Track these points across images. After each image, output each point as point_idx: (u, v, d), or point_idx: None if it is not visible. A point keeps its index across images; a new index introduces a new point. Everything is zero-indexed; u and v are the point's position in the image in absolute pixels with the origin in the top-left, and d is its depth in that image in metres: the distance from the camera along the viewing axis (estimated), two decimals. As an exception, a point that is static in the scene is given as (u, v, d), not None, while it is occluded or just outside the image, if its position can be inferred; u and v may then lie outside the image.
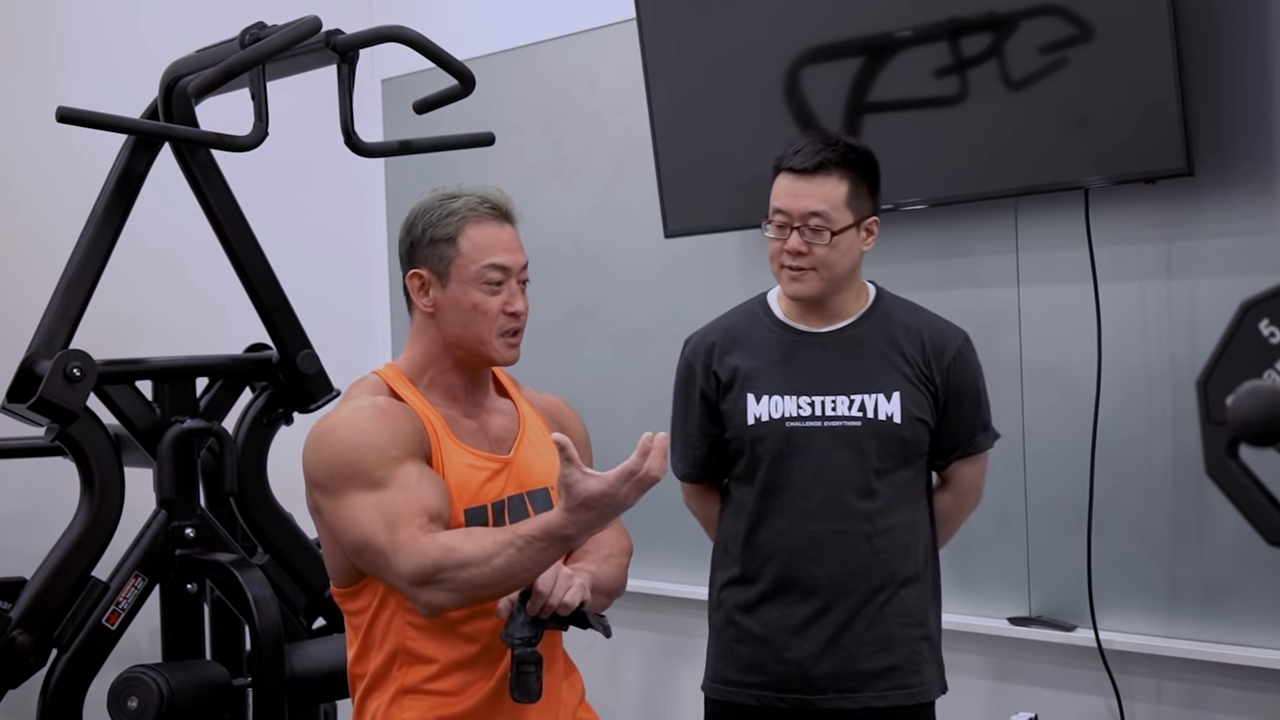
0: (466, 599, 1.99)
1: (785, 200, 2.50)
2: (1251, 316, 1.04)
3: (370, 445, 2.03)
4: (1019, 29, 3.02)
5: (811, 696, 2.50)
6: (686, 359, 2.67)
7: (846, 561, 2.49)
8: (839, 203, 2.48)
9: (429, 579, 1.95)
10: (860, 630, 2.50)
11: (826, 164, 2.48)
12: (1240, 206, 2.88)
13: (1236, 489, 1.04)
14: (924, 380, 2.54)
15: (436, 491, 2.04)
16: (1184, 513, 2.97)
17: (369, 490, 2.00)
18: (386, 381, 2.16)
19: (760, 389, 2.54)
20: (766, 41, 3.42)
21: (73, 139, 3.29)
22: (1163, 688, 3.05)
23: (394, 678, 2.11)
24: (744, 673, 2.56)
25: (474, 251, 2.11)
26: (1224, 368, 1.05)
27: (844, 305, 2.57)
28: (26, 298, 3.35)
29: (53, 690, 3.03)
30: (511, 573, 1.95)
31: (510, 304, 2.13)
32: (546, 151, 4.17)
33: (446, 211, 2.13)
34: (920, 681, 2.54)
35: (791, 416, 2.52)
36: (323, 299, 4.05)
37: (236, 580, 3.03)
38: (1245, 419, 0.98)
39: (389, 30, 3.08)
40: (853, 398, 2.51)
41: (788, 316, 2.60)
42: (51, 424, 3.08)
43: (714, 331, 2.66)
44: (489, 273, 2.11)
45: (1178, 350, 2.98)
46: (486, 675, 2.10)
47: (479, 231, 2.12)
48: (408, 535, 1.97)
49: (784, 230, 2.50)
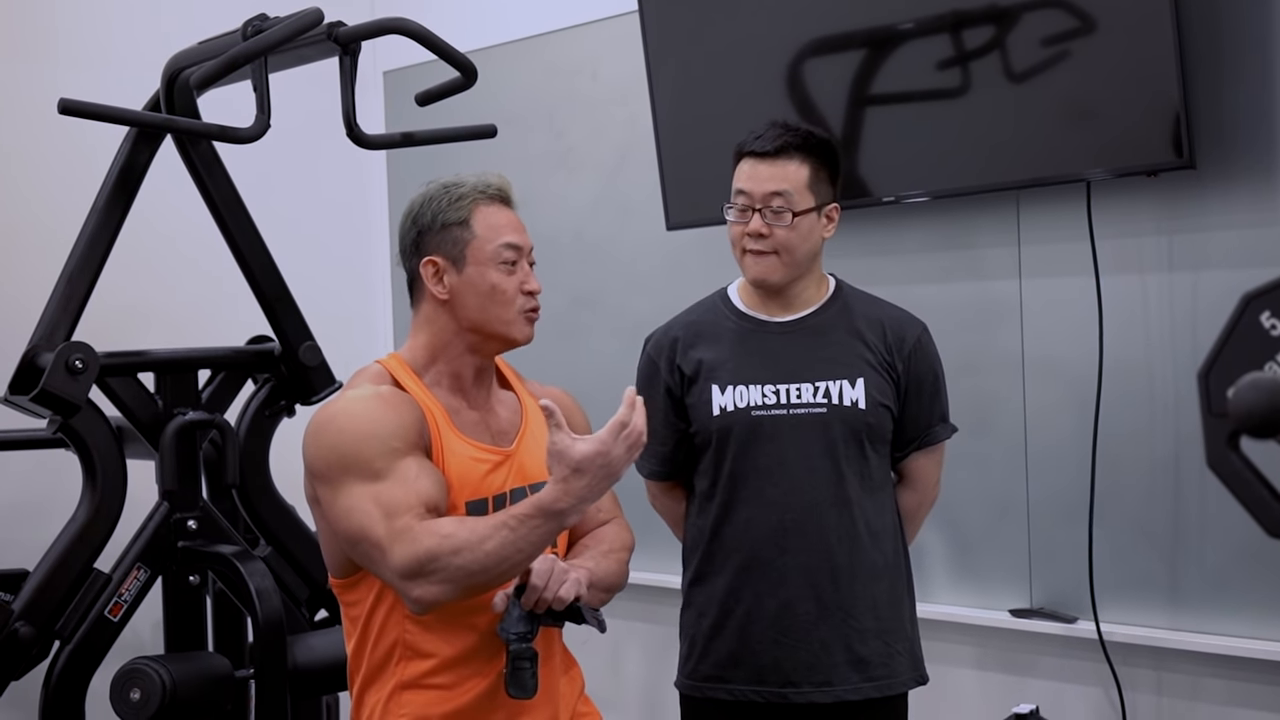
0: (460, 589, 1.97)
1: (747, 183, 2.52)
2: (1253, 309, 1.04)
3: (370, 436, 2.02)
4: (1021, 21, 3.02)
5: (785, 690, 2.50)
6: (649, 355, 2.67)
7: (816, 551, 2.49)
8: (800, 185, 2.50)
9: (422, 569, 1.94)
10: (834, 622, 2.49)
11: (788, 147, 2.51)
12: (1242, 199, 2.87)
13: (1237, 481, 1.04)
14: (886, 367, 2.55)
15: (435, 484, 2.03)
16: (1185, 505, 2.97)
17: (367, 481, 2.00)
18: (389, 371, 2.15)
19: (725, 379, 2.55)
20: (769, 34, 3.42)
21: (75, 131, 3.29)
22: (1164, 679, 3.05)
23: (392, 672, 2.11)
24: (718, 667, 2.56)
25: (488, 232, 2.14)
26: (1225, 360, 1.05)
27: (804, 294, 2.59)
28: (29, 290, 3.35)
29: (55, 682, 3.03)
30: (506, 555, 1.94)
31: (527, 282, 2.15)
32: (549, 143, 4.17)
33: (455, 196, 2.15)
34: (890, 673, 2.54)
35: (757, 405, 2.52)
36: (325, 291, 4.05)
37: (239, 572, 3.03)
38: (1246, 411, 0.98)
39: (391, 22, 3.08)
40: (817, 385, 2.52)
41: (749, 307, 2.61)
42: (54, 416, 3.08)
43: (675, 326, 2.67)
44: (505, 252, 2.13)
45: (1179, 342, 2.98)
46: (485, 670, 2.10)
47: (490, 213, 2.15)
48: (403, 525, 1.96)
49: (745, 213, 2.52)
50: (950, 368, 2.71)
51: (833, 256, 3.04)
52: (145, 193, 3.29)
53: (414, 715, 2.10)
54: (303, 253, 3.89)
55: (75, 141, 3.61)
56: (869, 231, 3.42)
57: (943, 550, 3.36)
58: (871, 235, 3.42)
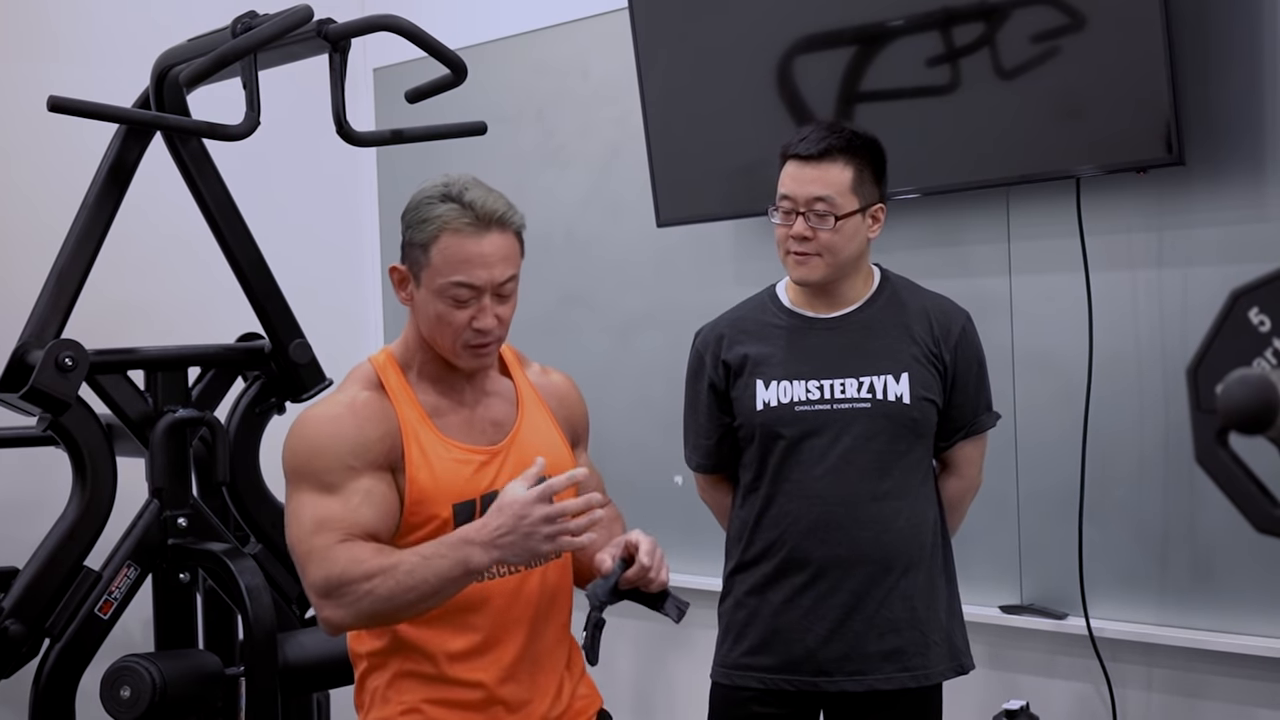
0: (367, 617, 1.98)
1: (791, 186, 2.53)
2: (1241, 305, 1.04)
3: (328, 450, 2.03)
4: (1011, 18, 3.02)
5: (818, 679, 2.53)
6: (697, 350, 2.71)
7: (854, 543, 2.52)
8: (844, 188, 2.51)
9: (331, 591, 1.96)
10: (868, 613, 2.52)
11: (832, 150, 2.51)
12: (1230, 195, 2.88)
13: (1226, 477, 1.04)
14: (933, 359, 2.57)
15: (376, 515, 2.02)
16: (1175, 501, 2.98)
17: (314, 492, 2.02)
18: (378, 371, 2.13)
19: (769, 374, 2.57)
20: (759, 31, 3.42)
21: (65, 128, 3.28)
22: (1154, 675, 3.06)
23: (392, 663, 2.12)
24: (750, 655, 2.59)
25: (443, 265, 2.02)
26: (1214, 356, 1.05)
27: (851, 290, 2.60)
28: (18, 287, 3.34)
29: (45, 680, 3.03)
30: (412, 584, 1.94)
31: (477, 319, 2.04)
32: (539, 141, 4.17)
33: (424, 217, 2.03)
34: (926, 664, 2.56)
35: (801, 401, 2.54)
36: (315, 288, 4.05)
37: (229, 569, 3.02)
38: (1234, 407, 0.98)
39: (381, 19, 3.08)
40: (861, 380, 2.54)
41: (795, 304, 2.63)
42: (43, 413, 3.07)
43: (722, 322, 2.70)
44: (454, 289, 2.02)
45: (1168, 339, 2.98)
46: (484, 665, 2.10)
47: (453, 244, 2.01)
48: (323, 543, 1.98)
49: (790, 216, 2.53)
50: (941, 364, 2.71)
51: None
52: (135, 190, 3.28)
53: (413, 704, 2.10)
54: (293, 250, 3.89)
55: (66, 139, 3.59)
56: (859, 228, 3.42)
57: (933, 546, 3.36)
58: (862, 232, 3.42)
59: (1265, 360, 1.03)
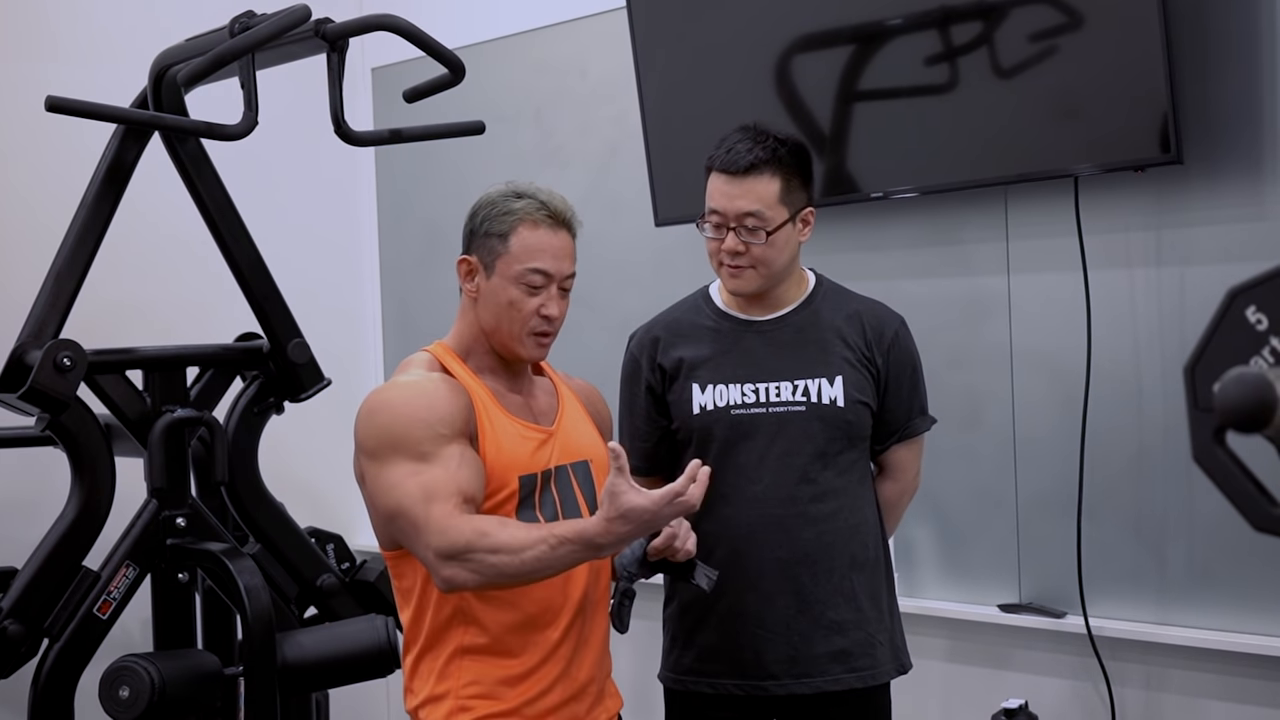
0: (488, 582, 2.08)
1: (720, 201, 2.52)
2: (1239, 303, 1.05)
3: (419, 420, 2.14)
4: (1009, 17, 3.02)
5: (766, 682, 2.53)
6: (632, 353, 2.71)
7: (795, 544, 2.51)
8: (772, 200, 2.49)
9: (456, 556, 2.05)
10: (814, 614, 2.51)
11: (758, 163, 2.49)
12: (1229, 194, 2.88)
13: (1223, 475, 1.04)
14: (866, 362, 2.56)
15: (474, 475, 2.13)
16: (1173, 499, 2.98)
17: (412, 461, 2.11)
18: (437, 358, 2.27)
19: (705, 378, 2.57)
20: (757, 29, 3.42)
21: (63, 128, 3.28)
22: (1152, 674, 3.06)
23: (452, 638, 2.20)
24: (700, 661, 2.59)
25: (521, 253, 2.22)
26: (1211, 354, 1.05)
27: (784, 294, 2.61)
28: (16, 287, 3.34)
29: (44, 680, 3.03)
30: (537, 569, 2.05)
31: (545, 307, 2.25)
32: (537, 140, 4.17)
33: (505, 209, 2.24)
34: (873, 664, 2.56)
35: (736, 404, 2.54)
36: (314, 288, 4.05)
37: (228, 569, 3.02)
38: (1232, 405, 0.99)
39: (379, 19, 3.08)
40: (796, 383, 2.54)
41: (729, 306, 2.63)
42: (42, 413, 3.07)
43: (657, 325, 2.70)
44: (530, 275, 2.23)
45: (1167, 337, 2.99)
46: (539, 640, 2.20)
47: (531, 235, 2.23)
48: (442, 511, 2.07)
49: (720, 230, 2.53)
50: (939, 363, 2.72)
51: (822, 252, 3.05)
52: (133, 190, 3.28)
53: (471, 679, 2.19)
54: (291, 250, 3.89)
55: (64, 139, 3.59)
56: (857, 227, 3.42)
57: (931, 545, 3.36)
58: (860, 231, 3.43)
59: (1263, 358, 1.03)
